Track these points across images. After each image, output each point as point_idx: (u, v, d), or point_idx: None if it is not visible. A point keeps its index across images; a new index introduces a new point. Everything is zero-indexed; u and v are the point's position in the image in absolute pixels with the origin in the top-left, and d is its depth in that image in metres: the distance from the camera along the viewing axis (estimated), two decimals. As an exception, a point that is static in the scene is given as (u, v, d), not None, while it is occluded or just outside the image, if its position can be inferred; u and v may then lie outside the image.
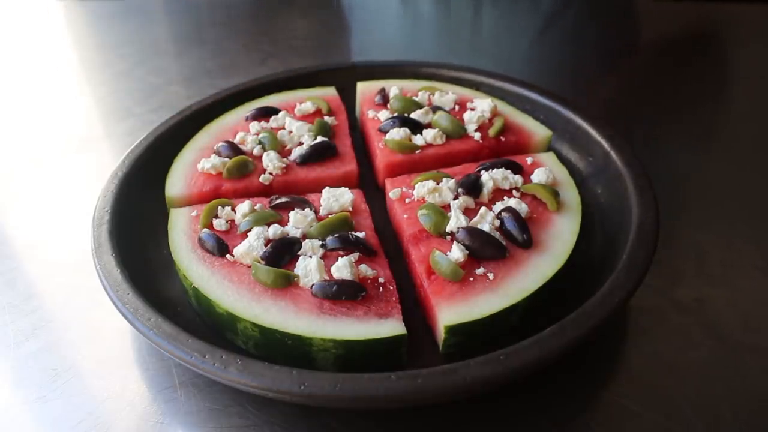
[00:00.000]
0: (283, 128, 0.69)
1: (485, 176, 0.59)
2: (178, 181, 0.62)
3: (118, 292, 0.47)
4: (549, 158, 0.64)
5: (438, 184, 0.58)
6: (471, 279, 0.49)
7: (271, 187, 0.63)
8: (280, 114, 0.71)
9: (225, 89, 0.76)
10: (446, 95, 0.73)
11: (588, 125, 0.66)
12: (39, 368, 0.50)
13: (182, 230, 0.55)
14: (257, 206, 0.57)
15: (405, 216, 0.56)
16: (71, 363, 0.50)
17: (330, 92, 0.77)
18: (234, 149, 0.64)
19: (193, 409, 0.46)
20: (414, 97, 0.73)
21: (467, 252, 0.50)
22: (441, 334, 0.47)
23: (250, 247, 0.51)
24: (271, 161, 0.63)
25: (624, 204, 0.56)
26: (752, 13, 1.10)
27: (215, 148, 0.65)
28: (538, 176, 0.59)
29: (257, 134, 0.67)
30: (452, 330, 0.46)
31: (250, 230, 0.53)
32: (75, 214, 0.68)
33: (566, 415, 0.45)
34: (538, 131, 0.69)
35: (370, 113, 0.72)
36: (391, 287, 0.50)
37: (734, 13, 1.11)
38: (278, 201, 0.58)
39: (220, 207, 0.56)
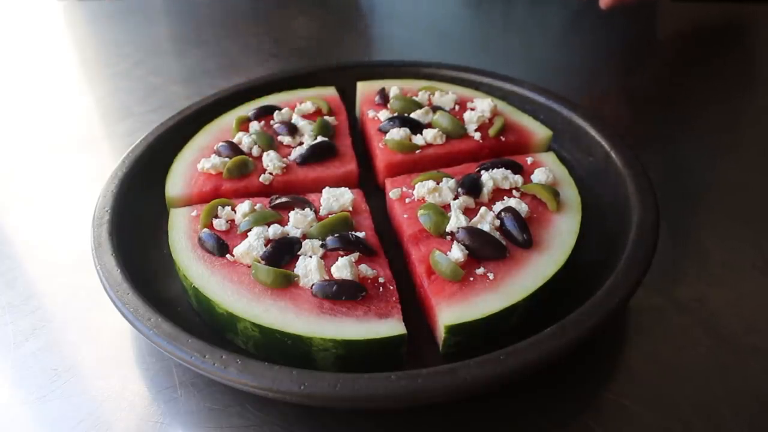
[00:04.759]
0: (286, 123, 0.69)
1: (485, 176, 0.59)
2: (178, 181, 0.62)
3: (118, 292, 0.47)
4: (549, 158, 0.64)
5: (438, 184, 0.58)
6: (471, 279, 0.49)
7: (271, 187, 0.63)
8: (285, 110, 0.71)
9: (225, 89, 0.76)
10: (446, 95, 0.73)
11: (588, 125, 0.66)
12: (39, 368, 0.50)
13: (182, 230, 0.55)
14: (257, 206, 0.57)
15: (405, 216, 0.56)
16: (71, 363, 0.50)
17: (330, 92, 0.77)
18: (234, 149, 0.64)
19: (193, 409, 0.46)
20: (414, 97, 0.73)
21: (467, 252, 0.50)
22: (441, 334, 0.47)
23: (250, 247, 0.51)
24: (271, 161, 0.63)
25: (624, 204, 0.56)
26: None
27: (215, 148, 0.65)
28: (538, 176, 0.59)
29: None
30: (452, 330, 0.46)
31: (250, 230, 0.53)
32: (75, 214, 0.68)
33: (566, 415, 0.45)
34: (538, 131, 0.69)
35: (370, 113, 0.72)
36: (391, 287, 0.49)
37: (753, 13, 1.11)
38: (278, 201, 0.58)
39: (220, 207, 0.56)
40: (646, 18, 1.14)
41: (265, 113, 0.72)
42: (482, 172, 0.60)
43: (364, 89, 0.77)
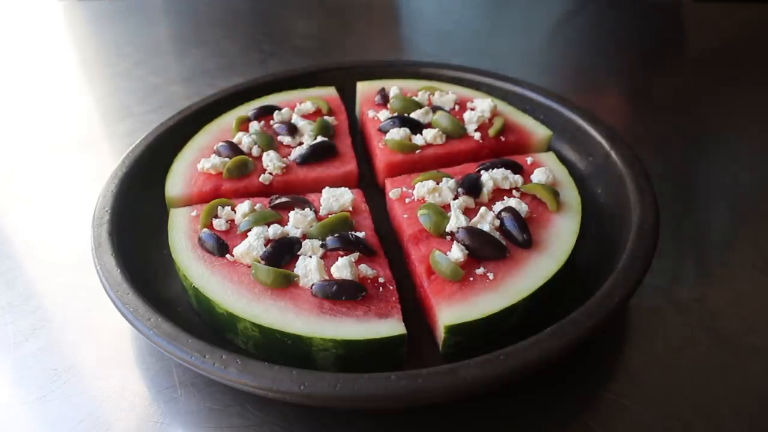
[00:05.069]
0: (286, 123, 0.69)
1: (485, 176, 0.59)
2: (178, 181, 0.62)
3: (118, 292, 0.47)
4: (549, 158, 0.64)
5: (438, 184, 0.58)
6: (471, 279, 0.49)
7: (271, 186, 0.63)
8: (285, 110, 0.71)
9: (225, 89, 0.76)
10: (446, 95, 0.73)
11: (588, 125, 0.66)
12: (39, 368, 0.50)
13: (182, 230, 0.55)
14: (257, 206, 0.57)
15: (405, 216, 0.56)
16: (71, 363, 0.50)
17: (330, 92, 0.77)
18: (234, 149, 0.64)
19: (193, 409, 0.46)
20: (414, 97, 0.73)
21: (467, 252, 0.50)
22: (441, 334, 0.47)
23: (250, 247, 0.51)
24: (271, 161, 0.63)
25: (624, 204, 0.56)
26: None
27: (215, 148, 0.65)
28: (538, 176, 0.59)
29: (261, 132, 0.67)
30: (452, 330, 0.46)
31: (250, 230, 0.53)
32: (75, 214, 0.68)
33: (566, 415, 0.45)
34: (538, 131, 0.69)
35: (370, 113, 0.72)
36: (391, 287, 0.49)
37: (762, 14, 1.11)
38: (278, 201, 0.58)
39: (220, 207, 0.56)
40: (648, 18, 1.15)
41: (265, 113, 0.72)
42: (482, 172, 0.60)
43: (364, 89, 0.77)
